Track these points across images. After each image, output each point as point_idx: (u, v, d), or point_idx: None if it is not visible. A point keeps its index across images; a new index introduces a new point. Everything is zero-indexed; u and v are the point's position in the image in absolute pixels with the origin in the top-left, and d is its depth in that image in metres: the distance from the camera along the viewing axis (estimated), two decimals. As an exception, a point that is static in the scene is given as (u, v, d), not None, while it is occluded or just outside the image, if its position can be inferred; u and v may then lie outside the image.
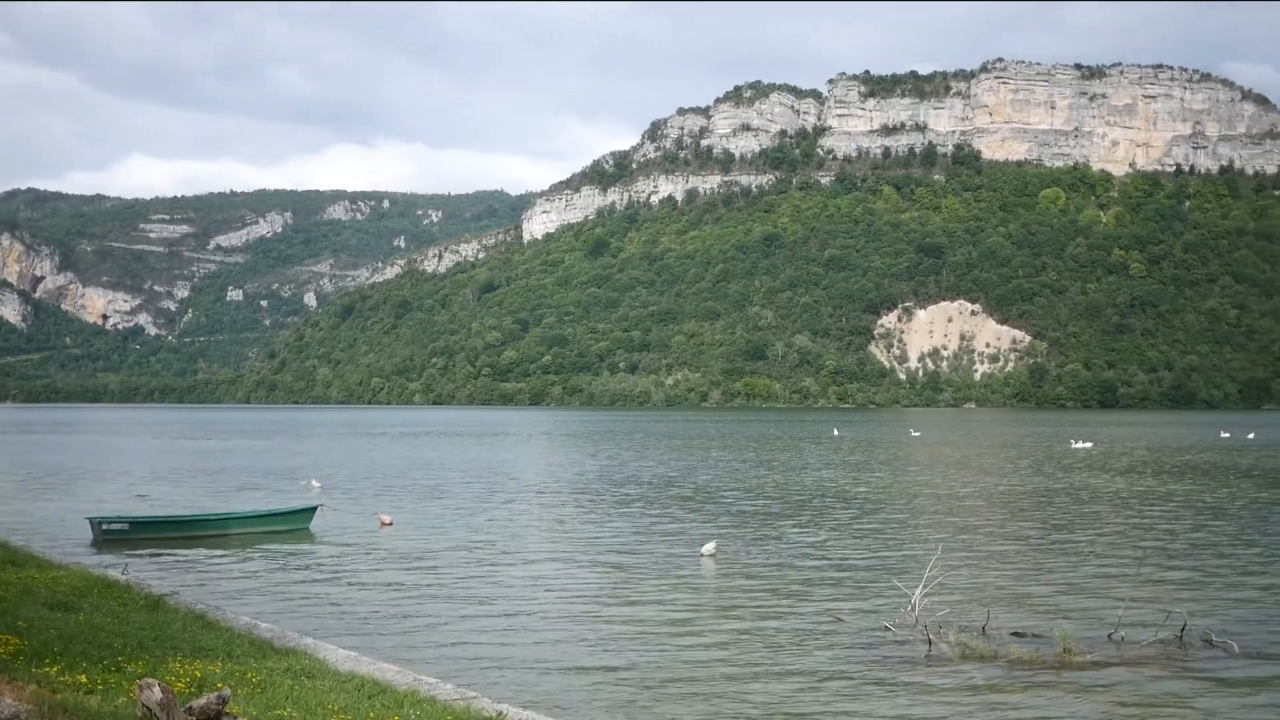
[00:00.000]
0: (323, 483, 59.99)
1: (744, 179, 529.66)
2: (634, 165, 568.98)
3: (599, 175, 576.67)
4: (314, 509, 42.30)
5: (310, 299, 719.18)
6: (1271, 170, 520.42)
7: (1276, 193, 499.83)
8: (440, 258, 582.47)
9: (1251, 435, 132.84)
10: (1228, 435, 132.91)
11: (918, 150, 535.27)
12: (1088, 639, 22.75)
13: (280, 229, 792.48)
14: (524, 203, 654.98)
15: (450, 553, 34.85)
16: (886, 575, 29.59)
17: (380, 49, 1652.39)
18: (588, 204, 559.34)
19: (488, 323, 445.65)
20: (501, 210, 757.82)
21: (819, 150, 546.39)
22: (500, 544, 36.97)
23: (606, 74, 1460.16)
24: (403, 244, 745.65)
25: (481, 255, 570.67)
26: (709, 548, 34.42)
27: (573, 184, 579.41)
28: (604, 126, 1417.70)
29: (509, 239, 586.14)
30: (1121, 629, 23.16)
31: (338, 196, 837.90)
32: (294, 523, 40.77)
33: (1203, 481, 64.02)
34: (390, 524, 41.68)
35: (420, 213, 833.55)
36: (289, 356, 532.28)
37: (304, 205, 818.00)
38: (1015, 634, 23.24)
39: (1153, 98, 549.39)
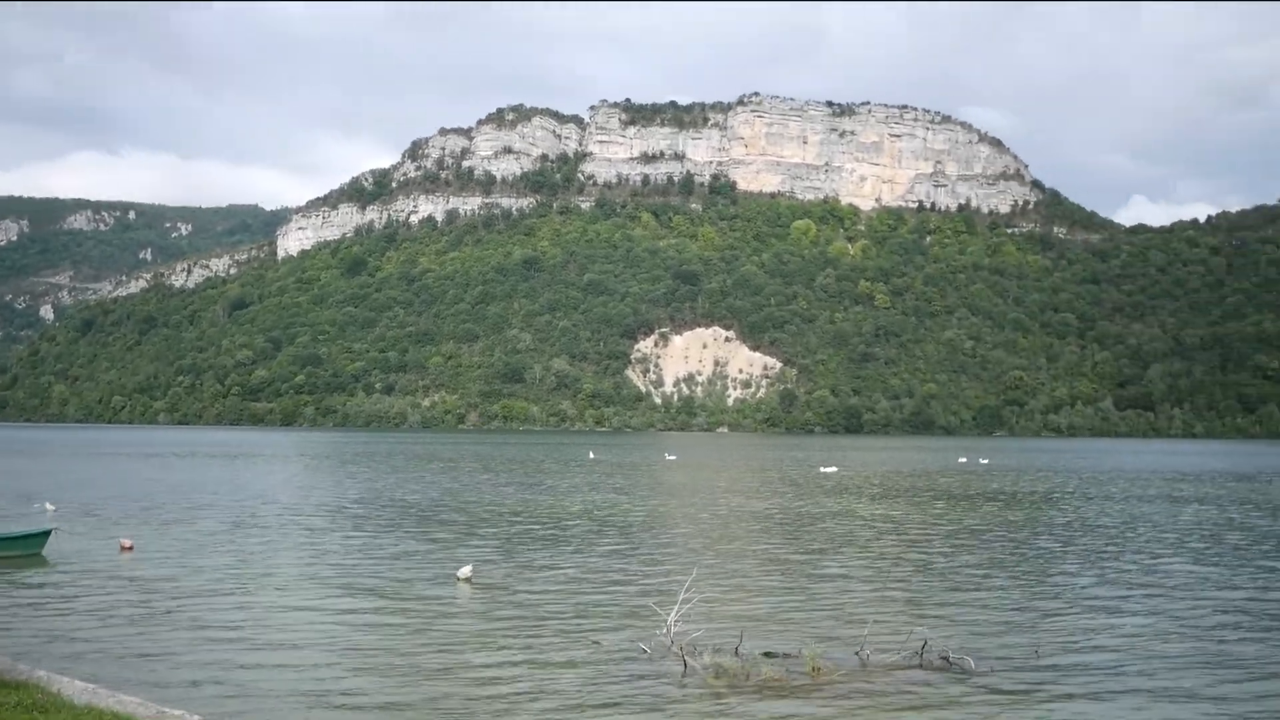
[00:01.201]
0: (58, 506, 56.81)
1: (505, 201, 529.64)
2: (394, 184, 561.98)
3: (358, 193, 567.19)
4: (47, 533, 40.02)
5: (47, 312, 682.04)
6: (1005, 210, 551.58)
7: (1009, 231, 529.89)
8: (189, 272, 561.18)
9: (985, 461, 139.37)
10: (964, 460, 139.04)
11: (676, 179, 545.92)
12: (835, 659, 23.49)
13: (15, 237, 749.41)
14: (279, 218, 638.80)
15: (197, 579, 33.54)
16: (642, 598, 29.90)
17: (125, 52, 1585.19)
18: (346, 222, 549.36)
19: (238, 340, 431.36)
20: (255, 225, 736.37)
21: (580, 175, 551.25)
22: (250, 570, 35.76)
23: (366, 90, 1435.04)
24: (149, 257, 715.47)
25: (233, 271, 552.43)
26: (465, 571, 34.11)
27: (330, 201, 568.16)
28: (363, 144, 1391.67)
29: (263, 255, 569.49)
30: (867, 649, 24.01)
31: (80, 205, 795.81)
32: (25, 548, 38.52)
33: (943, 505, 66.95)
34: (131, 549, 39.83)
35: (169, 225, 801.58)
36: (22, 372, 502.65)
37: (41, 213, 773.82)
38: (767, 654, 23.80)
39: (898, 136, 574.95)
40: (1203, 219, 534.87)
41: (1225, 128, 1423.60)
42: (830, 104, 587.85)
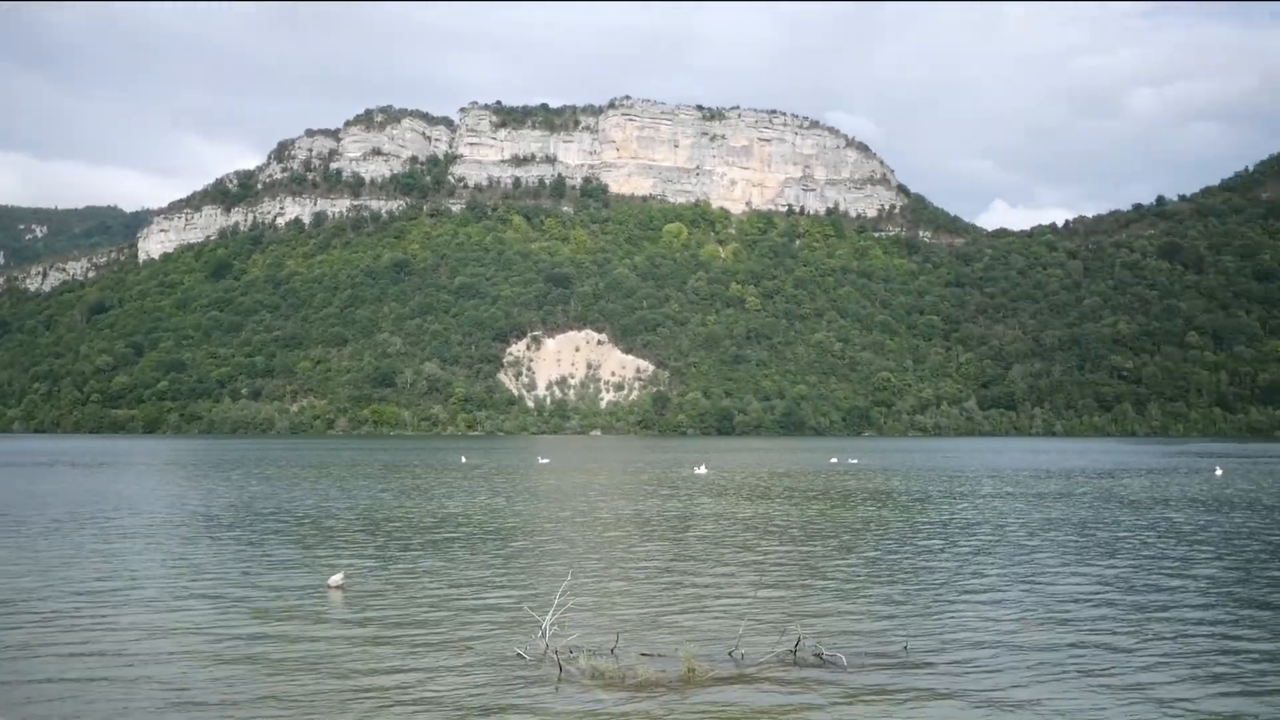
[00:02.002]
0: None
1: (374, 204, 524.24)
2: (259, 186, 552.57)
3: (222, 195, 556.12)
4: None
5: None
6: (872, 214, 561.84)
7: (876, 234, 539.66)
8: (45, 276, 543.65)
9: (854, 461, 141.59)
10: (835, 461, 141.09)
11: (548, 182, 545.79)
12: (710, 657, 23.60)
13: None
14: (140, 220, 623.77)
15: (58, 593, 32.44)
16: (518, 603, 29.72)
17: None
18: (209, 224, 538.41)
19: (98, 346, 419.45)
20: (115, 227, 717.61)
21: (450, 178, 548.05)
22: (116, 582, 34.71)
23: (230, 90, 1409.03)
24: (1, 260, 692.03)
25: (92, 274, 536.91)
26: (336, 579, 33.55)
27: (194, 203, 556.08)
28: (228, 145, 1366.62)
29: (123, 258, 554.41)
30: (742, 648, 24.17)
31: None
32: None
33: (815, 505, 67.78)
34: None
35: (23, 227, 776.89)
36: None
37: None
38: (643, 655, 23.82)
39: (768, 141, 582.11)
40: (1061, 224, 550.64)
41: (1081, 135, 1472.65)
42: (701, 108, 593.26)
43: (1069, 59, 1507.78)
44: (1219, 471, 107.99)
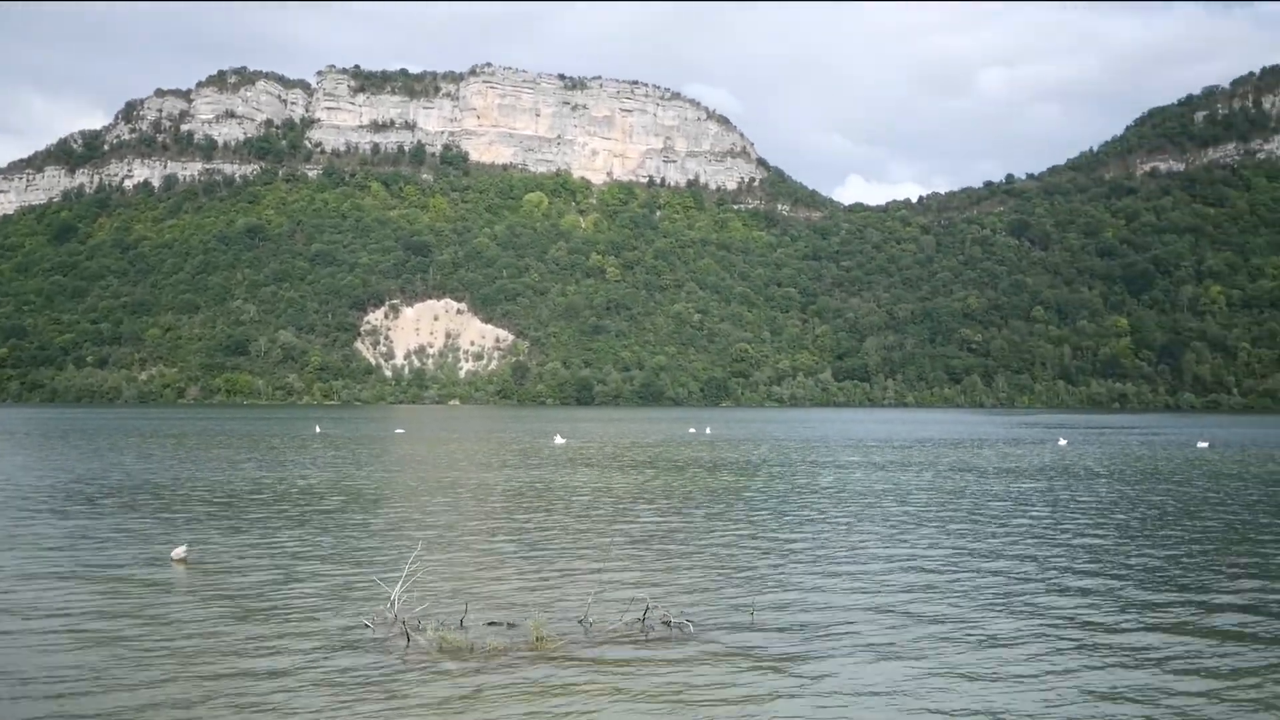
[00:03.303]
0: None
1: (228, 168, 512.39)
2: (106, 147, 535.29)
3: (66, 155, 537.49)
4: None
5: None
6: (732, 186, 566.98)
7: (735, 207, 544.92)
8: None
9: (709, 431, 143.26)
10: (694, 431, 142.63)
11: (407, 148, 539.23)
12: (560, 627, 23.71)
13: None
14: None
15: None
16: (368, 573, 29.43)
17: None
18: (52, 185, 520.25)
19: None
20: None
21: (307, 142, 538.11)
22: (-59, 555, 33.44)
23: (70, 48, 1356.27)
24: None
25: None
26: (179, 552, 32.77)
27: (35, 163, 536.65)
28: (70, 103, 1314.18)
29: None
30: (591, 615, 24.31)
31: None
32: None
33: (669, 474, 68.35)
34: None
35: None
36: None
37: None
38: (491, 625, 23.82)
39: (629, 112, 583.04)
40: (915, 199, 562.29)
41: (933, 112, 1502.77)
42: (563, 77, 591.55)
43: (923, 37, 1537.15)
44: (1063, 442, 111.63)
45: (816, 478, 65.70)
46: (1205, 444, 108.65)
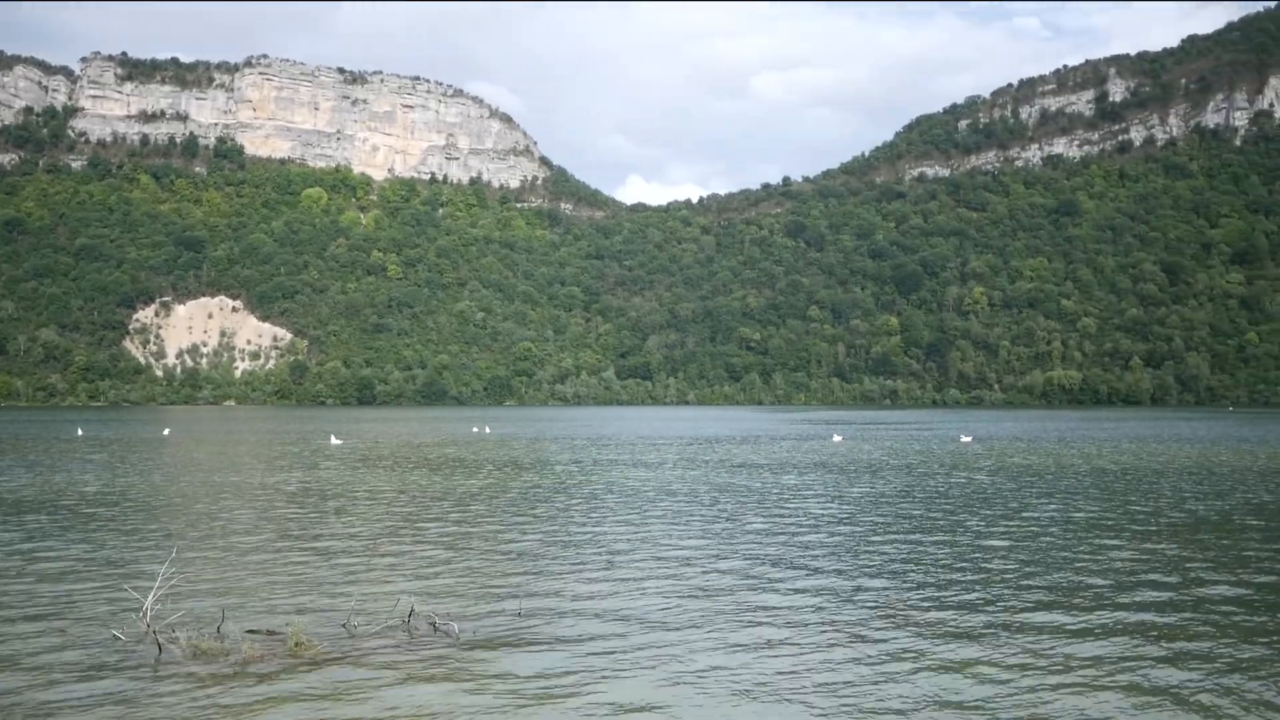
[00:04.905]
0: None
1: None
2: None
3: None
4: None
5: None
6: (515, 184, 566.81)
7: (519, 205, 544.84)
8: None
9: (489, 430, 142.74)
10: (477, 430, 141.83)
11: (179, 140, 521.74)
12: (321, 632, 23.08)
13: None
14: None
15: None
16: (120, 582, 28.16)
17: None
18: None
19: None
20: None
21: (70, 132, 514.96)
22: None
23: None
24: None
25: None
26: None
27: None
28: None
29: None
30: (354, 619, 23.79)
31: None
32: None
33: (445, 474, 67.66)
34: None
35: None
36: None
37: None
38: (250, 632, 23.07)
39: (411, 107, 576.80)
40: (695, 200, 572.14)
41: (711, 114, 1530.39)
42: (342, 71, 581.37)
43: (701, 40, 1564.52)
44: (837, 438, 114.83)
45: (593, 476, 66.00)
46: (969, 438, 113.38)
